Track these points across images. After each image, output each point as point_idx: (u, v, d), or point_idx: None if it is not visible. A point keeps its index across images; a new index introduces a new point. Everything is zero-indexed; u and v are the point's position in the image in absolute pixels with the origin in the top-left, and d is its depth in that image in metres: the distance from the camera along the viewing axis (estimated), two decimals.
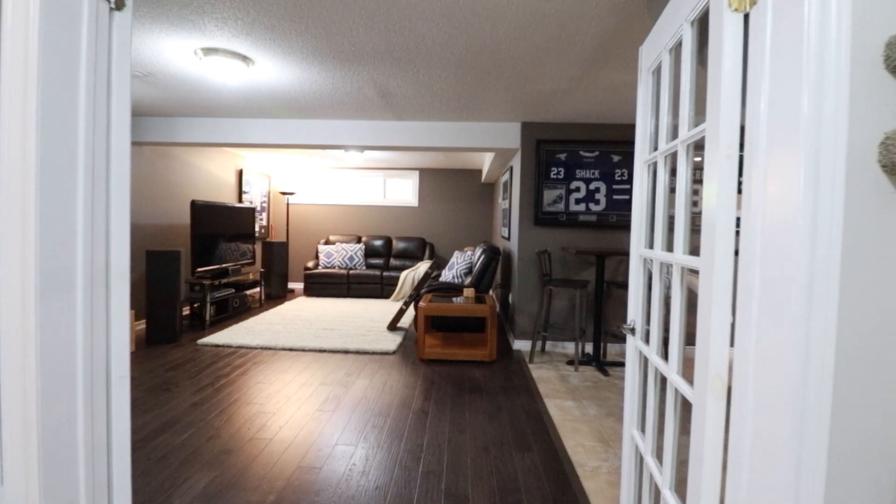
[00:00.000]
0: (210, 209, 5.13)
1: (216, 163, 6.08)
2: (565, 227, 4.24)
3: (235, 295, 5.46)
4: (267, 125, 4.41)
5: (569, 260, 4.25)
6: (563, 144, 4.17)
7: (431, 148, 4.43)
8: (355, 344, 4.28)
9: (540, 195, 4.19)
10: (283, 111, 4.09)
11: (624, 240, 4.23)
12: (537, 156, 4.18)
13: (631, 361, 1.52)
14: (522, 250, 4.25)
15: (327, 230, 7.93)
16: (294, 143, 4.44)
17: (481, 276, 4.57)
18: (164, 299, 4.28)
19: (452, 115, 4.07)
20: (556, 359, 4.08)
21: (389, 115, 4.16)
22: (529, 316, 4.29)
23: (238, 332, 4.65)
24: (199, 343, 4.28)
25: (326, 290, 6.88)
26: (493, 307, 3.82)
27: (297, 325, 5.00)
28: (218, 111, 4.15)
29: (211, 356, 3.93)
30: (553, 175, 4.19)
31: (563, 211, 4.20)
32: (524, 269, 4.26)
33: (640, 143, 1.49)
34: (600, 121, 4.10)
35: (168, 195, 5.15)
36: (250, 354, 4.01)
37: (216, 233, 5.28)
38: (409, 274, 6.75)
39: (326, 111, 4.05)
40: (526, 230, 4.25)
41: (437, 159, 6.81)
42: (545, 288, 3.88)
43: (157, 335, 4.30)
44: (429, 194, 7.80)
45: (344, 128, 4.38)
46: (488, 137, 4.31)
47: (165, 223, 5.11)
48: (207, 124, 4.44)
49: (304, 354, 4.04)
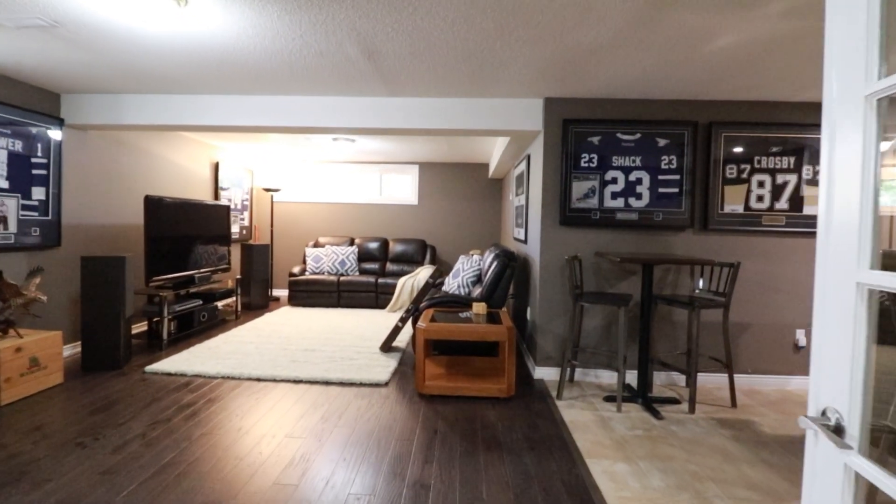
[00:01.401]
0: (170, 206, 4.33)
1: (186, 154, 5.28)
2: (599, 228, 3.43)
3: (203, 307, 4.66)
4: (231, 104, 3.61)
5: (604, 268, 3.45)
6: (597, 125, 3.37)
7: (433, 131, 3.63)
8: (339, 371, 3.47)
9: (567, 188, 3.38)
10: (248, 84, 3.29)
11: (672, 243, 3.42)
12: (564, 139, 3.37)
13: (827, 488, 0.72)
14: (545, 256, 3.45)
15: (316, 231, 7.13)
16: (265, 126, 3.63)
17: (494, 287, 3.76)
18: (105, 316, 3.48)
19: (458, 87, 3.27)
20: (589, 391, 3.27)
21: (381, 89, 3.36)
22: (554, 337, 3.48)
23: (199, 354, 3.85)
24: (147, 371, 3.48)
25: (314, 299, 6.08)
26: (512, 329, 3.02)
27: (272, 344, 4.19)
28: (168, 84, 3.35)
29: (156, 390, 3.13)
30: (584, 163, 3.39)
31: (596, 207, 3.39)
32: (548, 280, 3.46)
33: (844, 63, 0.68)
34: (644, 94, 3.29)
35: (122, 190, 4.35)
36: (206, 387, 3.20)
37: (179, 234, 4.47)
38: (408, 281, 5.94)
39: (302, 83, 3.25)
40: (550, 231, 3.44)
41: (439, 152, 6.01)
42: (577, 304, 3.08)
43: (95, 361, 3.50)
44: (430, 191, 7.00)
45: (326, 107, 3.58)
46: (503, 117, 3.51)
47: (118, 224, 4.31)
48: (158, 103, 3.64)
49: (274, 386, 3.24)
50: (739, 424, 2.81)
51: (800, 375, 3.47)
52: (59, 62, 2.94)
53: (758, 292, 3.45)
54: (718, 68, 2.73)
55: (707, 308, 2.91)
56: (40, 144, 3.50)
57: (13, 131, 3.29)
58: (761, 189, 3.38)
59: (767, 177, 3.37)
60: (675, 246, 3.42)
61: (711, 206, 3.38)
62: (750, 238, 3.42)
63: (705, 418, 2.89)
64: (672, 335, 3.47)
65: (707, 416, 2.91)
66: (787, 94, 3.19)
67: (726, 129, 3.35)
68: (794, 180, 3.37)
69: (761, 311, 3.46)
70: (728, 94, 3.21)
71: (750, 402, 3.18)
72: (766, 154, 3.36)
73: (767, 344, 3.47)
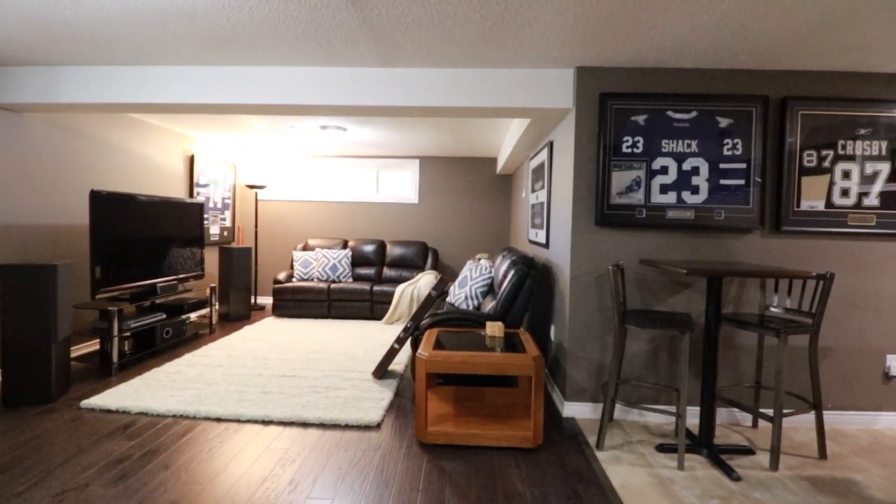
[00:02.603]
0: (126, 204, 3.66)
1: (155, 146, 4.61)
2: (644, 230, 2.76)
3: (168, 322, 3.98)
4: (192, 77, 2.94)
5: (649, 280, 2.77)
6: (642, 101, 2.70)
7: (437, 111, 2.96)
8: (321, 407, 2.79)
9: (605, 181, 2.71)
10: (208, 49, 2.62)
11: (735, 249, 2.75)
12: (602, 119, 2.70)
13: None
14: (578, 264, 2.77)
15: (305, 233, 6.46)
16: (234, 104, 2.96)
17: (510, 301, 3.08)
18: (31, 338, 2.81)
19: (470, 52, 2.60)
20: (635, 435, 2.59)
21: (373, 56, 2.69)
22: (589, 365, 2.80)
23: (153, 382, 3.17)
24: (83, 406, 2.80)
25: (301, 308, 5.40)
26: (540, 360, 2.35)
27: (245, 368, 3.52)
28: (112, 52, 2.68)
29: (86, 434, 2.45)
30: (626, 149, 2.72)
31: (641, 204, 2.72)
32: (580, 293, 2.78)
33: None
34: (701, 61, 2.62)
35: (70, 186, 3.68)
36: (151, 430, 2.52)
37: (137, 237, 3.80)
38: (407, 289, 5.27)
39: (274, 47, 2.59)
40: (583, 234, 2.77)
41: (441, 144, 5.34)
42: (623, 326, 2.40)
43: (18, 393, 2.82)
44: (432, 189, 6.33)
45: (307, 80, 2.91)
46: (524, 93, 2.84)
47: (64, 224, 3.63)
48: (103, 77, 2.97)
49: (237, 430, 2.56)
50: (839, 486, 2.14)
51: (890, 412, 2.80)
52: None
53: (838, 310, 2.78)
54: (803, 23, 2.06)
55: (794, 333, 2.24)
56: None
57: None
58: (847, 181, 2.71)
59: (855, 166, 2.70)
60: (739, 252, 2.75)
61: (785, 203, 2.71)
62: (832, 242, 2.75)
63: (792, 477, 2.21)
64: (733, 363, 2.80)
65: (794, 474, 2.24)
66: (882, 62, 2.53)
67: (804, 105, 2.68)
68: (886, 170, 2.70)
69: (842, 333, 2.78)
70: (808, 61, 2.55)
71: (839, 450, 2.50)
72: (854, 137, 2.69)
73: (850, 373, 2.80)
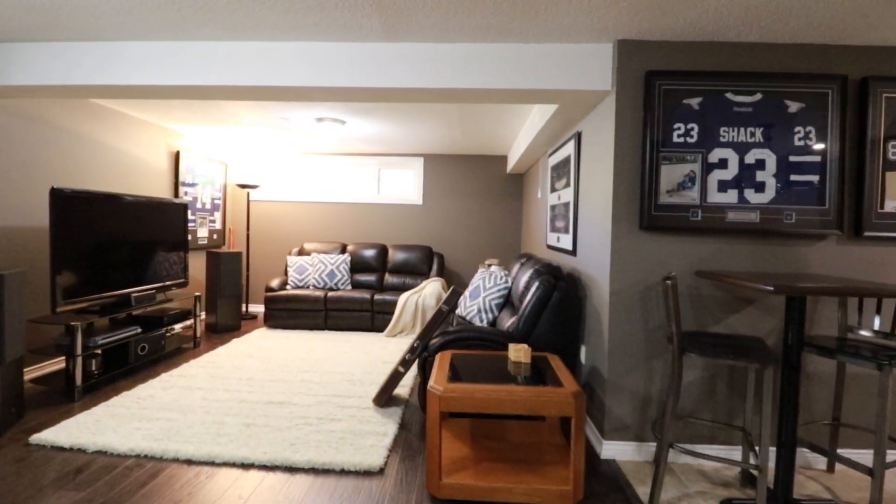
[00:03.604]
0: (93, 204, 3.22)
1: (135, 140, 4.18)
2: (700, 235, 2.31)
3: (143, 336, 3.54)
4: (162, 53, 2.50)
5: (703, 295, 2.33)
6: (697, 80, 2.26)
7: (450, 93, 2.52)
8: (312, 446, 2.34)
9: (652, 176, 2.27)
10: (178, 18, 2.19)
11: (807, 257, 2.30)
12: (648, 102, 2.27)
13: None
14: (618, 276, 2.33)
15: (301, 236, 6.02)
16: (212, 85, 2.53)
17: (534, 318, 2.64)
18: None
19: (490, 21, 2.16)
20: (692, 484, 2.14)
21: (375, 26, 2.25)
22: (632, 397, 2.35)
23: (119, 409, 2.73)
24: (32, 442, 2.36)
25: (295, 319, 4.95)
26: (582, 397, 1.90)
27: (227, 391, 3.07)
28: (67, 24, 2.24)
29: (29, 482, 2.00)
30: (677, 137, 2.28)
31: (695, 203, 2.28)
32: (621, 310, 2.34)
33: None
34: (767, 34, 2.19)
35: (32, 183, 3.24)
36: (107, 476, 2.07)
37: (108, 241, 3.36)
38: (411, 297, 4.82)
39: (259, 13, 2.15)
40: (624, 239, 2.33)
41: (448, 140, 4.91)
42: (684, 354, 1.96)
43: None
44: (437, 189, 5.89)
45: (297, 56, 2.47)
46: (552, 72, 2.40)
47: (24, 227, 3.19)
48: (59, 54, 2.53)
49: (211, 475, 2.11)
50: None
51: None
52: None
53: None
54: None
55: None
56: None
57: None
58: None
59: None
60: (812, 261, 2.31)
61: (867, 203, 2.27)
62: None
63: None
64: (802, 395, 2.35)
65: None
66: None
67: (889, 86, 2.25)
68: None
69: None
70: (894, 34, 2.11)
71: None
72: None
73: None
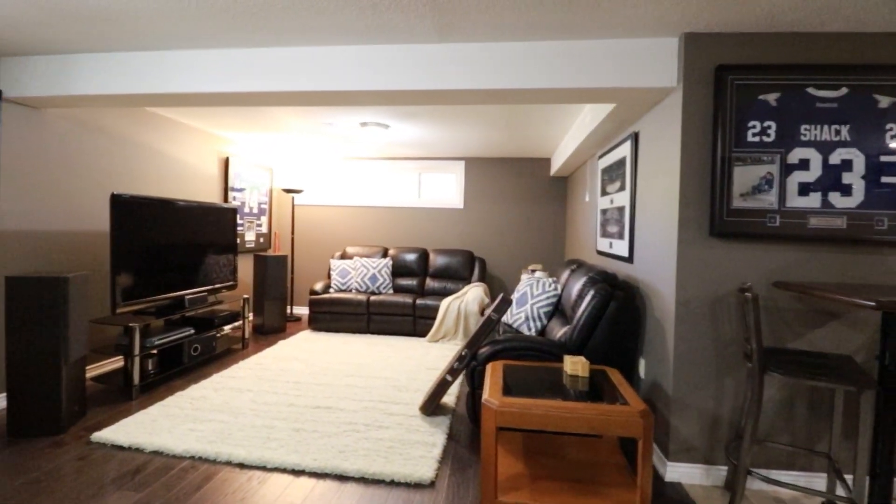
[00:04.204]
0: (150, 209, 3.34)
1: (187, 147, 4.33)
2: (778, 242, 2.13)
3: (196, 337, 3.64)
4: (212, 61, 2.55)
5: (782, 308, 2.14)
6: (774, 74, 2.08)
7: (504, 94, 2.44)
8: (361, 454, 2.31)
9: (725, 178, 2.11)
10: (230, 24, 2.22)
11: None
12: (719, 98, 2.11)
13: None
14: (685, 285, 2.18)
15: (343, 240, 6.08)
16: (262, 91, 2.56)
17: (590, 328, 2.51)
18: (38, 359, 2.47)
19: (547, 20, 2.07)
20: None
21: (427, 28, 2.21)
22: (700, 416, 2.19)
23: (174, 410, 2.79)
24: (94, 440, 2.44)
25: (338, 322, 4.99)
26: (650, 416, 1.77)
27: (275, 394, 3.10)
28: (123, 33, 2.32)
29: (87, 482, 2.06)
30: (752, 136, 2.11)
31: (773, 208, 2.10)
32: (688, 323, 2.18)
33: None
34: (853, 22, 1.99)
35: (92, 189, 3.39)
36: (163, 478, 2.11)
37: (164, 244, 3.48)
38: (454, 303, 4.76)
39: (309, 18, 2.15)
40: (692, 247, 2.17)
41: (490, 143, 4.82)
42: (766, 373, 1.79)
43: (25, 422, 2.49)
44: (478, 192, 5.81)
45: (346, 60, 2.46)
46: (612, 69, 2.28)
47: (86, 231, 3.35)
48: (116, 63, 2.63)
49: (264, 480, 2.11)
50: None
51: None
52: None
53: None
54: None
55: None
56: None
57: None
58: None
59: None
60: None
61: None
62: None
63: None
64: None
65: None
66: None
67: None
68: None
69: None
70: None
71: None
72: None
73: None
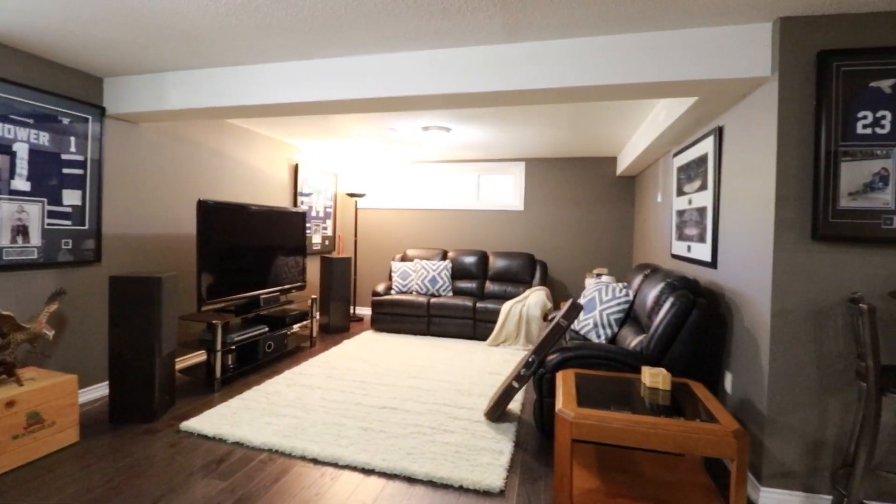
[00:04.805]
0: (231, 213, 3.56)
1: (260, 155, 4.59)
2: (892, 247, 1.89)
3: (270, 335, 3.83)
4: (287, 73, 2.67)
5: None
6: (887, 58, 1.85)
7: (579, 91, 2.36)
8: (429, 457, 2.31)
9: (830, 175, 1.90)
10: (303, 37, 2.31)
11: None
12: (822, 87, 1.91)
13: None
14: (783, 294, 1.98)
15: (404, 242, 6.18)
16: (334, 100, 2.64)
17: (670, 338, 2.36)
18: (136, 352, 2.71)
19: (626, 10, 1.97)
20: None
21: (496, 29, 2.18)
22: (799, 439, 1.98)
23: (252, 403, 2.95)
24: (182, 429, 2.63)
25: (399, 323, 5.07)
26: (744, 437, 1.63)
27: (343, 392, 3.19)
28: (206, 49, 2.49)
29: (177, 468, 2.22)
30: (862, 128, 1.89)
31: (889, 209, 1.86)
32: (786, 335, 1.99)
33: None
34: None
35: (180, 195, 3.67)
36: (245, 468, 2.23)
37: (242, 247, 3.70)
38: (515, 307, 4.68)
39: (382, 25, 2.19)
40: (792, 251, 1.98)
41: (551, 143, 4.70)
42: (883, 395, 1.59)
43: (123, 410, 2.73)
44: (538, 194, 5.69)
45: (414, 65, 2.49)
46: (696, 60, 2.13)
47: (174, 234, 3.63)
48: (200, 79, 2.82)
49: (335, 477, 2.17)
50: None
51: None
52: (95, 24, 2.18)
53: None
54: None
55: None
56: (74, 139, 2.85)
57: (37, 122, 2.65)
58: None
59: None
60: None
61: None
62: None
63: None
64: None
65: None
66: None
67: None
68: None
69: None
70: None
71: None
72: None
73: None
